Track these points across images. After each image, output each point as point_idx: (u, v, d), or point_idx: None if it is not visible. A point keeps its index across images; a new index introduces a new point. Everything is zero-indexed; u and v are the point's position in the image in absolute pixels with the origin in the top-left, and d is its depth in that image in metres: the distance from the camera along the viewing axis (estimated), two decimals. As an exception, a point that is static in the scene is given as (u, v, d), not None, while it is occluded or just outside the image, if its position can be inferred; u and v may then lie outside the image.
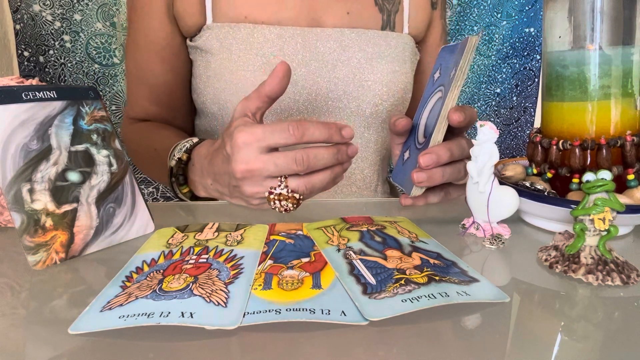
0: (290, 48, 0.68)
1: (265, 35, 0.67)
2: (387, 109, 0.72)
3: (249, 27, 0.67)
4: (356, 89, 0.70)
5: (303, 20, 0.70)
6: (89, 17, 1.11)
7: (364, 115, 0.71)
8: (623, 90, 0.49)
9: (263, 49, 0.67)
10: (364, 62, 0.70)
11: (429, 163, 0.48)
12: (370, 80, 0.70)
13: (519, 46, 1.34)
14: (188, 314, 0.31)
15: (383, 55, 0.71)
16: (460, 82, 0.48)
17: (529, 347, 0.30)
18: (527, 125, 1.41)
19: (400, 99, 0.73)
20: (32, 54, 1.11)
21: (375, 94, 0.70)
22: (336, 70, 0.69)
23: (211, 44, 0.67)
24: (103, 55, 1.15)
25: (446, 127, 0.49)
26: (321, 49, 0.69)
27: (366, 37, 0.70)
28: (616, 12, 0.47)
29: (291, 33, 0.68)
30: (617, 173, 0.48)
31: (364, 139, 0.73)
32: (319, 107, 0.70)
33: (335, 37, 0.69)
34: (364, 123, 0.72)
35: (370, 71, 0.70)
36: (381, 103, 0.71)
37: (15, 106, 0.42)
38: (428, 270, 0.37)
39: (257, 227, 0.49)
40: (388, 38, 0.72)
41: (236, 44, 0.66)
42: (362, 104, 0.70)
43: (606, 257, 0.39)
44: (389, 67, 0.71)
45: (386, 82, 0.70)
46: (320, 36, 0.69)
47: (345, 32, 0.70)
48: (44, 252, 0.41)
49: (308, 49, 0.69)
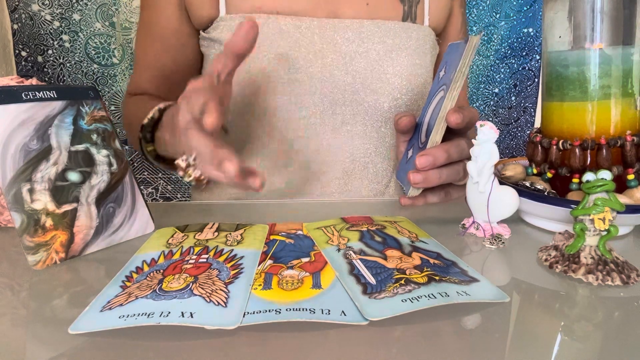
0: (306, 39, 0.66)
1: (281, 26, 0.66)
2: (407, 103, 0.70)
3: (263, 18, 0.65)
4: (375, 82, 0.68)
5: (320, 11, 0.68)
6: (88, 17, 1.11)
7: (382, 109, 0.70)
8: (623, 90, 0.49)
9: (278, 40, 0.65)
10: (383, 55, 0.68)
11: (425, 165, 0.48)
12: (390, 73, 0.68)
13: (517, 46, 1.34)
14: (188, 313, 0.31)
15: (403, 48, 0.69)
16: (459, 82, 0.48)
17: (529, 347, 0.30)
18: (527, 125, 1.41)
19: (420, 93, 0.71)
20: (29, 54, 1.11)
21: (395, 87, 0.69)
22: (354, 62, 0.68)
23: (225, 35, 0.66)
24: (102, 55, 1.14)
25: (445, 128, 0.49)
26: (339, 41, 0.67)
27: (386, 29, 0.69)
28: (616, 12, 0.47)
29: (308, 24, 0.66)
30: (617, 173, 0.48)
31: (380, 133, 0.72)
32: (336, 100, 0.69)
33: (353, 28, 0.68)
34: (382, 117, 0.71)
35: (390, 64, 0.68)
36: (400, 97, 0.69)
37: (15, 106, 0.42)
38: (428, 270, 0.37)
39: (257, 227, 0.49)
40: (409, 30, 0.70)
41: None
42: (380, 97, 0.69)
43: (606, 257, 0.39)
44: (409, 60, 0.69)
45: (406, 75, 0.69)
46: (338, 27, 0.68)
47: (364, 24, 0.68)
48: (44, 252, 0.41)
49: (325, 41, 0.67)
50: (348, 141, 0.71)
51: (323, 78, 0.67)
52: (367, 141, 0.71)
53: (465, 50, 0.47)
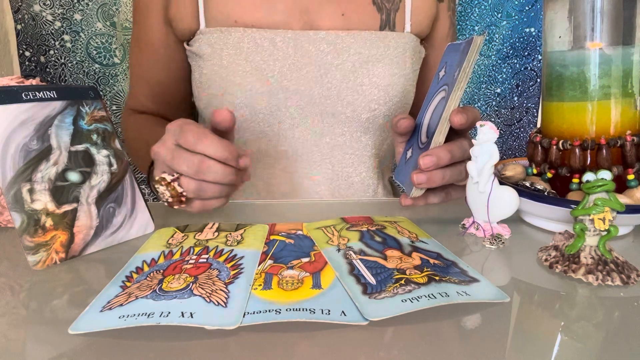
0: (281, 52, 0.66)
1: (256, 39, 0.66)
2: (385, 113, 0.70)
3: (239, 32, 0.66)
4: (351, 93, 0.68)
5: (296, 23, 0.68)
6: (89, 17, 1.11)
7: (360, 120, 0.69)
8: (623, 90, 0.49)
9: (253, 53, 0.66)
10: (358, 66, 0.68)
11: (429, 165, 0.48)
12: (366, 85, 0.68)
13: (519, 46, 1.34)
14: (188, 314, 0.31)
15: (380, 58, 0.69)
16: (463, 83, 0.48)
17: (529, 347, 0.30)
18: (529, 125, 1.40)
19: (399, 102, 0.71)
20: (33, 54, 1.11)
21: (372, 98, 0.68)
22: (329, 74, 0.67)
23: (203, 49, 0.67)
24: (103, 55, 1.14)
25: (448, 129, 0.49)
26: (314, 53, 0.67)
27: (362, 39, 0.68)
28: (616, 12, 0.47)
29: (282, 37, 0.67)
30: (617, 173, 0.48)
31: (361, 143, 0.72)
32: (312, 112, 0.69)
33: (329, 40, 0.68)
34: (361, 128, 0.70)
35: (366, 75, 0.68)
36: (378, 108, 0.69)
37: (15, 106, 0.42)
38: (428, 270, 0.37)
39: (257, 227, 0.49)
40: (387, 39, 0.69)
41: (226, 49, 0.66)
42: (357, 108, 0.68)
43: (606, 257, 0.38)
44: (387, 70, 0.68)
45: (383, 86, 0.68)
46: (313, 39, 0.67)
47: (339, 35, 0.68)
48: (44, 252, 0.41)
49: (300, 53, 0.67)
50: (328, 152, 0.71)
51: (298, 91, 0.67)
52: (349, 151, 0.72)
53: (470, 50, 0.47)
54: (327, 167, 0.71)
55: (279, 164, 0.71)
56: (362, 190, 0.74)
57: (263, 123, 0.69)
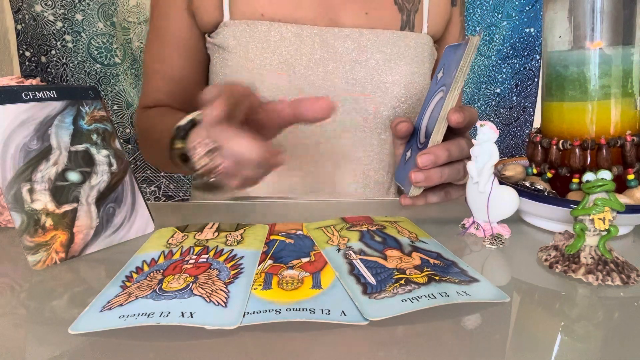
0: (307, 47, 0.67)
1: (282, 33, 0.66)
2: (405, 110, 0.71)
3: (265, 25, 0.66)
4: (374, 90, 0.69)
5: (320, 19, 0.69)
6: (90, 17, 1.11)
7: (382, 117, 0.70)
8: (623, 90, 0.49)
9: (280, 47, 0.66)
10: (382, 64, 0.69)
11: (427, 163, 0.48)
12: (389, 82, 0.69)
13: (519, 46, 1.34)
14: (188, 313, 0.31)
15: (402, 57, 0.70)
16: (460, 82, 0.48)
17: (529, 347, 0.30)
18: (526, 124, 1.41)
19: (419, 100, 0.72)
20: (33, 54, 1.11)
21: (394, 96, 0.69)
22: (354, 71, 0.68)
23: (228, 41, 0.67)
24: (105, 55, 1.15)
25: (446, 128, 0.49)
26: (339, 49, 0.68)
27: (384, 38, 0.69)
28: (616, 12, 0.47)
29: (309, 32, 0.67)
30: (617, 173, 0.48)
31: (380, 140, 0.72)
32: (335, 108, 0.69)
33: (353, 37, 0.69)
34: (382, 125, 0.71)
35: (389, 72, 0.69)
36: (399, 105, 0.70)
37: (15, 106, 0.42)
38: (428, 270, 0.37)
39: (257, 227, 0.49)
40: (407, 39, 0.71)
41: (253, 43, 0.66)
42: (380, 105, 0.70)
43: (606, 257, 0.38)
44: (408, 69, 0.70)
45: (405, 84, 0.69)
46: (338, 36, 0.68)
47: (363, 33, 0.69)
48: (44, 252, 0.41)
49: (326, 49, 0.68)
50: (349, 148, 0.71)
51: (324, 86, 0.68)
52: (368, 148, 0.72)
53: (466, 50, 0.47)
54: (347, 166, 0.72)
55: (300, 160, 0.71)
56: (377, 189, 0.74)
57: None
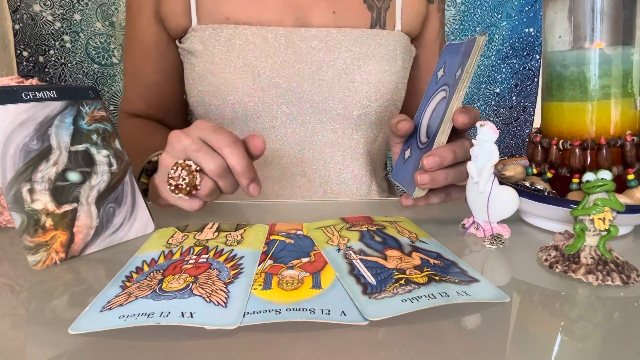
0: (272, 49, 0.67)
1: (247, 36, 0.66)
2: (376, 110, 0.70)
3: (230, 29, 0.66)
4: (342, 90, 0.68)
5: (287, 20, 0.69)
6: (88, 17, 1.11)
7: (352, 117, 0.70)
8: (623, 90, 0.49)
9: (245, 50, 0.66)
10: (350, 63, 0.68)
11: (433, 165, 0.48)
12: (357, 82, 0.68)
13: (518, 46, 1.35)
14: (188, 314, 0.31)
15: (371, 55, 0.69)
16: (466, 83, 0.47)
17: (529, 347, 0.30)
18: (526, 124, 1.41)
19: (390, 99, 0.71)
20: (31, 54, 1.11)
21: (363, 95, 0.68)
22: (321, 71, 0.68)
23: (195, 46, 0.67)
24: (102, 55, 1.15)
25: (450, 129, 0.49)
26: (305, 50, 0.68)
27: (353, 37, 0.68)
28: (616, 12, 0.47)
29: (274, 34, 0.67)
30: (617, 173, 0.48)
31: (353, 140, 0.72)
32: (304, 110, 0.69)
33: (320, 37, 0.68)
34: (352, 125, 0.71)
35: (357, 72, 0.68)
36: (369, 105, 0.69)
37: (15, 106, 0.42)
38: (428, 270, 0.37)
39: (257, 227, 0.49)
40: (377, 37, 0.70)
41: (218, 46, 0.66)
42: (349, 105, 0.69)
43: (606, 257, 0.39)
44: (378, 67, 0.69)
45: (374, 82, 0.68)
46: (304, 36, 0.68)
47: (331, 32, 0.68)
48: (44, 252, 0.41)
49: (292, 50, 0.67)
50: (320, 149, 0.71)
51: (290, 88, 0.67)
52: (341, 149, 0.72)
53: (473, 50, 0.47)
54: (319, 164, 0.72)
55: (271, 162, 0.71)
56: (355, 188, 0.74)
57: (255, 120, 0.69)
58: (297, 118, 0.69)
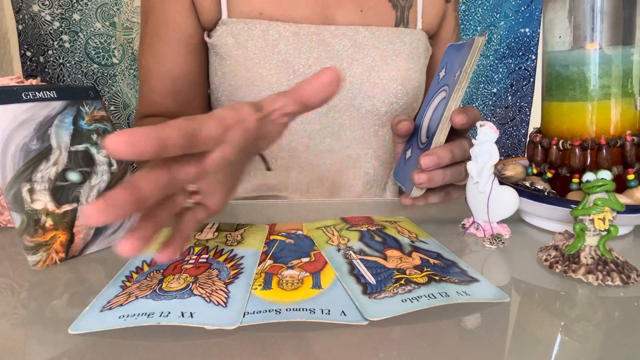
0: (305, 46, 0.67)
1: (281, 32, 0.66)
2: (402, 106, 0.71)
3: (264, 24, 0.66)
4: (371, 87, 0.69)
5: (316, 17, 0.69)
6: (88, 17, 1.11)
7: (379, 113, 0.71)
8: (623, 90, 0.49)
9: (279, 46, 0.66)
10: (378, 60, 0.69)
11: (430, 165, 0.48)
12: (385, 79, 0.69)
13: (514, 46, 1.35)
14: (188, 313, 0.31)
15: (397, 53, 0.70)
16: (464, 83, 0.48)
17: (529, 347, 0.30)
18: (522, 124, 1.42)
19: (415, 96, 0.72)
20: (33, 54, 1.11)
21: (390, 92, 0.70)
22: (351, 68, 0.69)
23: (226, 39, 0.67)
24: (102, 55, 1.14)
25: (449, 129, 0.49)
26: (336, 47, 0.69)
27: (380, 35, 0.70)
28: (616, 12, 0.47)
29: (306, 31, 0.67)
30: (617, 173, 0.48)
31: (378, 136, 0.73)
32: (333, 105, 0.70)
33: (349, 35, 0.69)
34: (379, 121, 0.72)
35: (385, 69, 0.69)
36: (396, 101, 0.70)
37: (15, 106, 0.42)
38: (428, 270, 0.37)
39: (257, 227, 0.49)
40: (402, 35, 0.71)
41: (252, 41, 0.66)
42: (376, 102, 0.70)
43: (606, 257, 0.39)
44: (404, 65, 0.70)
45: (401, 79, 0.70)
46: (334, 34, 0.69)
47: (359, 30, 0.69)
48: (44, 252, 0.41)
49: (323, 47, 0.68)
50: (347, 145, 0.72)
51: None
52: (366, 145, 0.73)
53: (472, 51, 0.47)
54: (347, 160, 0.72)
55: (299, 156, 0.71)
56: (375, 184, 0.75)
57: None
58: (327, 114, 0.70)
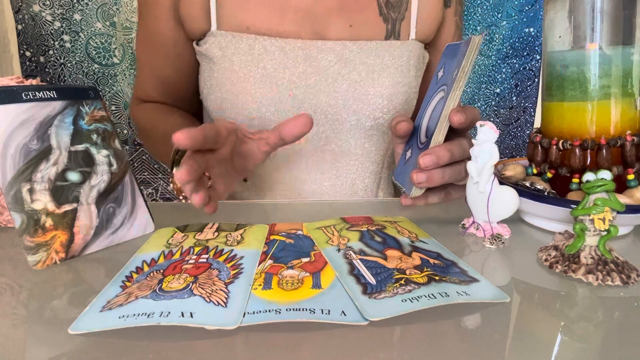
0: (290, 61, 0.67)
1: (267, 47, 0.67)
2: (388, 121, 0.71)
3: (250, 39, 0.67)
4: (356, 102, 0.69)
5: (305, 33, 0.69)
6: (88, 17, 1.11)
7: (364, 128, 0.71)
8: (623, 90, 0.49)
9: (264, 61, 0.66)
10: (364, 75, 0.69)
11: (429, 164, 0.48)
12: (371, 94, 0.69)
13: (518, 46, 1.34)
14: (188, 313, 0.31)
15: (385, 67, 0.70)
16: (462, 82, 0.47)
17: (529, 347, 0.30)
18: (526, 125, 1.41)
19: (401, 110, 0.72)
20: (33, 54, 1.11)
21: (376, 107, 0.69)
22: (336, 84, 0.68)
23: (214, 51, 0.67)
24: (103, 55, 1.14)
25: (447, 128, 0.49)
26: (322, 63, 0.68)
27: (368, 49, 0.69)
28: (616, 12, 0.47)
29: (292, 46, 0.67)
30: (617, 173, 0.48)
31: (364, 150, 0.73)
32: (318, 120, 0.70)
33: (337, 50, 0.69)
34: (364, 135, 0.72)
35: (371, 84, 0.69)
36: (382, 116, 0.70)
37: (15, 106, 0.42)
38: (428, 270, 0.37)
39: (257, 227, 0.49)
40: (391, 48, 0.71)
41: (238, 55, 0.66)
42: (362, 117, 0.70)
43: (606, 257, 0.39)
44: (391, 80, 0.70)
45: (387, 95, 0.69)
46: (321, 49, 0.68)
47: (347, 45, 0.69)
48: (44, 252, 0.41)
49: (309, 62, 0.68)
50: (333, 159, 0.72)
51: (306, 99, 0.68)
52: (352, 158, 0.73)
53: (468, 50, 0.47)
54: (332, 173, 0.72)
55: (284, 170, 0.71)
56: (365, 196, 0.75)
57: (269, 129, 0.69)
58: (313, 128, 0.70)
